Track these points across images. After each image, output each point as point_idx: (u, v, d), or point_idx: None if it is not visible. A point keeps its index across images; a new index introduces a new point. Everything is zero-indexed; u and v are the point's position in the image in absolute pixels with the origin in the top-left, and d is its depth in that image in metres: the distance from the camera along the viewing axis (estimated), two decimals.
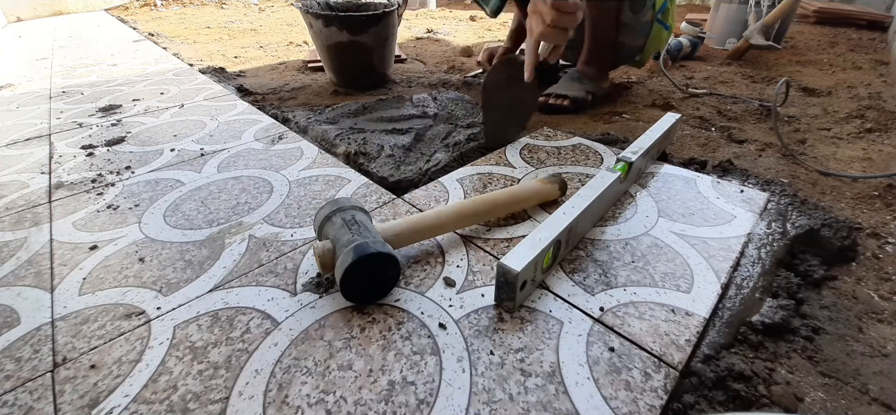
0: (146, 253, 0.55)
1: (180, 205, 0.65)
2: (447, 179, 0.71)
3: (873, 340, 0.42)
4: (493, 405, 0.35)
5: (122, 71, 1.49)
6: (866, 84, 1.18)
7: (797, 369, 0.40)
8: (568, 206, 0.51)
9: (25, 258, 0.55)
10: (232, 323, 0.44)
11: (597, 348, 0.40)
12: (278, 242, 0.56)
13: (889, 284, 0.49)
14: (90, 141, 0.90)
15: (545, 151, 0.80)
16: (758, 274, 0.50)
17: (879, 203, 0.64)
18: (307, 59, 1.58)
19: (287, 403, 0.36)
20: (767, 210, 0.62)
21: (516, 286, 0.42)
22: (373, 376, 0.38)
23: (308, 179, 0.72)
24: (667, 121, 0.76)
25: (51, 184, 0.73)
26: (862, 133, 0.88)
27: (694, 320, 0.43)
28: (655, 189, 0.66)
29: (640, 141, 0.68)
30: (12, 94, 1.28)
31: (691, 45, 1.52)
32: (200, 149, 0.85)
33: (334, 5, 1.29)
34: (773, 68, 1.38)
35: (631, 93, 1.19)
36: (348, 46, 1.15)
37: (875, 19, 1.92)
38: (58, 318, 0.46)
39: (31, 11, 3.13)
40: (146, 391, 0.37)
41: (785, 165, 0.76)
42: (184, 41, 2.07)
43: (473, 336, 0.42)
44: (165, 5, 3.32)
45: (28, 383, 0.39)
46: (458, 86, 1.27)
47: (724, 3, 1.64)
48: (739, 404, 0.36)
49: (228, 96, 1.17)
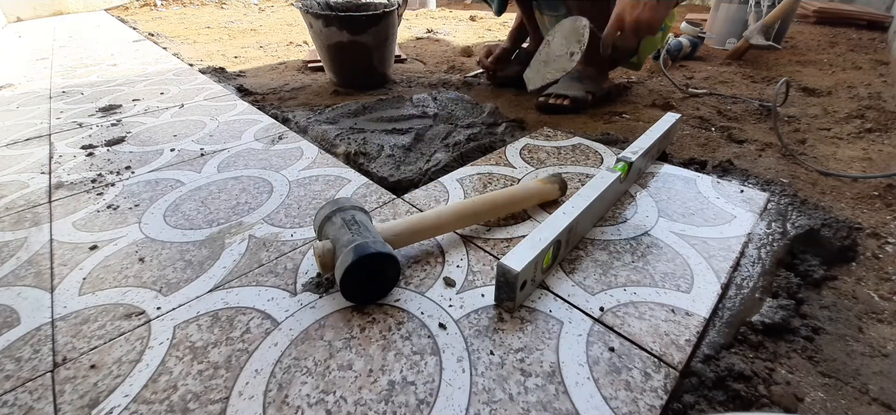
0: (146, 253, 0.55)
1: (180, 205, 0.65)
2: (447, 179, 0.71)
3: (873, 340, 0.42)
4: (493, 405, 0.35)
5: (122, 71, 1.49)
6: (866, 84, 1.18)
7: (797, 369, 0.40)
8: (568, 206, 0.51)
9: (25, 258, 0.55)
10: (232, 323, 0.44)
11: (597, 347, 0.40)
12: (278, 242, 0.56)
13: (889, 284, 0.49)
14: (90, 141, 0.90)
15: (545, 150, 0.80)
16: (758, 274, 0.50)
17: (879, 203, 0.64)
18: (307, 59, 1.59)
19: (287, 403, 0.36)
20: (767, 210, 0.62)
21: (516, 286, 0.42)
22: (373, 376, 0.38)
23: (308, 179, 0.72)
24: (667, 121, 0.76)
25: (51, 184, 0.73)
26: (862, 133, 0.88)
27: (694, 320, 0.43)
28: (655, 189, 0.66)
29: (640, 141, 0.68)
30: (12, 94, 1.28)
31: (691, 45, 1.52)
32: (200, 149, 0.85)
33: (334, 5, 1.29)
34: (773, 68, 1.38)
35: (631, 93, 1.19)
36: (348, 46, 1.15)
37: (875, 19, 1.92)
38: (58, 318, 0.46)
39: (31, 11, 3.13)
40: (146, 391, 0.37)
41: (785, 165, 0.76)
42: (184, 41, 2.07)
43: (473, 336, 0.42)
44: (165, 5, 3.32)
45: (28, 383, 0.39)
46: (458, 86, 1.27)
47: (724, 3, 1.64)
48: (739, 404, 0.36)
49: (228, 96, 1.17)
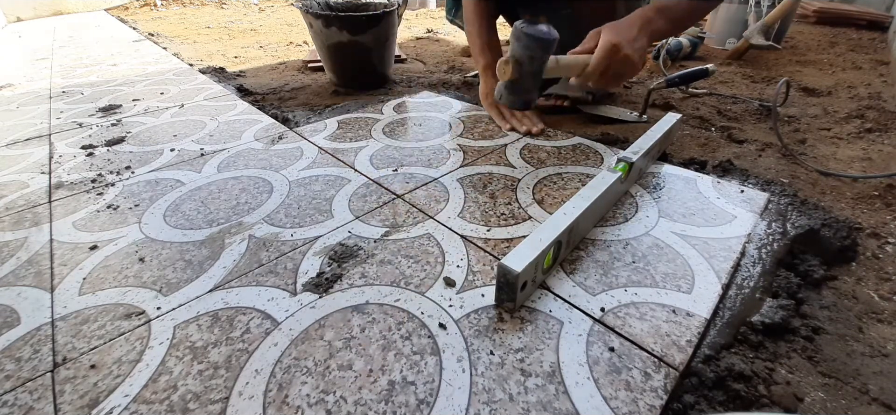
0: (146, 253, 0.55)
1: (180, 205, 0.65)
2: (447, 179, 0.71)
3: (873, 340, 0.42)
4: (493, 405, 0.35)
5: (122, 71, 1.49)
6: (866, 84, 1.18)
7: (797, 369, 0.40)
8: (569, 206, 0.51)
9: (25, 258, 0.55)
10: (232, 323, 0.44)
11: (597, 348, 0.40)
12: (278, 242, 0.56)
13: (889, 284, 0.49)
14: (90, 141, 0.90)
15: (545, 150, 0.80)
16: (758, 274, 0.50)
17: (879, 203, 0.64)
18: (307, 59, 1.58)
19: (287, 403, 0.36)
20: (768, 210, 0.62)
21: (517, 287, 0.42)
22: (373, 376, 0.38)
23: (308, 178, 0.72)
24: (667, 121, 0.76)
25: (51, 184, 0.73)
26: (862, 133, 0.88)
27: (695, 320, 0.43)
28: (656, 189, 0.66)
29: (641, 141, 0.68)
30: (12, 94, 1.28)
31: (691, 45, 1.52)
32: (200, 149, 0.85)
33: (334, 5, 1.29)
34: (773, 68, 1.37)
35: (631, 93, 1.19)
36: (348, 46, 1.15)
37: (875, 19, 1.92)
38: (58, 318, 0.45)
39: (31, 11, 3.13)
40: (146, 391, 0.37)
41: (785, 165, 0.76)
42: (184, 41, 2.07)
43: (473, 336, 0.41)
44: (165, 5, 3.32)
45: (28, 383, 0.39)
46: (457, 86, 1.27)
47: (724, 3, 1.64)
48: (739, 404, 0.36)
49: (228, 96, 1.17)
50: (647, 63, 1.43)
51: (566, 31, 1.03)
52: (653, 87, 0.94)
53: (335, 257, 0.53)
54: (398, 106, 1.07)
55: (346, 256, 0.53)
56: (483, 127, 0.91)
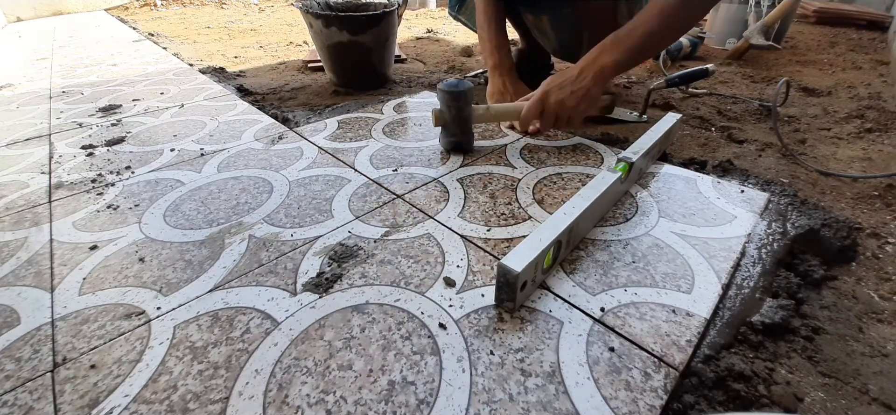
0: (146, 253, 0.55)
1: (180, 205, 0.65)
2: (447, 179, 0.71)
3: (873, 340, 0.42)
4: (493, 405, 0.35)
5: (122, 71, 1.49)
6: (866, 84, 1.18)
7: (797, 369, 0.40)
8: (568, 206, 0.51)
9: (25, 258, 0.55)
10: (232, 323, 0.44)
11: (597, 348, 0.40)
12: (278, 242, 0.56)
13: (889, 284, 0.49)
14: (90, 141, 0.90)
15: (545, 150, 0.80)
16: (758, 274, 0.50)
17: (879, 203, 0.64)
18: (307, 59, 1.58)
19: (287, 403, 0.36)
20: (768, 210, 0.62)
21: (517, 287, 0.42)
22: (373, 376, 0.38)
23: (308, 178, 0.72)
24: (667, 121, 0.76)
25: (51, 184, 0.73)
26: (862, 133, 0.88)
27: (695, 320, 0.43)
28: (656, 189, 0.66)
29: (641, 141, 0.68)
30: (12, 94, 1.28)
31: (691, 45, 1.52)
32: (200, 149, 0.85)
33: (334, 5, 1.29)
34: (773, 68, 1.37)
35: (631, 93, 1.19)
36: (348, 46, 1.15)
37: (875, 19, 1.92)
38: (58, 318, 0.45)
39: (31, 11, 3.13)
40: (146, 391, 0.37)
41: (785, 165, 0.76)
42: (184, 41, 2.07)
43: (473, 336, 0.41)
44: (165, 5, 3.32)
45: (28, 383, 0.39)
46: None
47: (724, 3, 1.64)
48: (739, 404, 0.36)
49: (228, 96, 1.17)
50: (648, 63, 1.43)
51: (566, 32, 1.03)
52: (653, 87, 0.94)
53: (335, 257, 0.53)
54: (398, 106, 1.07)
55: (346, 256, 0.53)
56: (483, 127, 0.91)
